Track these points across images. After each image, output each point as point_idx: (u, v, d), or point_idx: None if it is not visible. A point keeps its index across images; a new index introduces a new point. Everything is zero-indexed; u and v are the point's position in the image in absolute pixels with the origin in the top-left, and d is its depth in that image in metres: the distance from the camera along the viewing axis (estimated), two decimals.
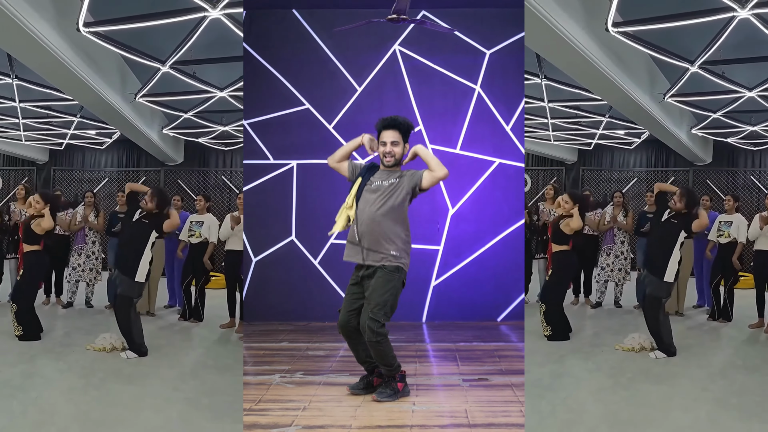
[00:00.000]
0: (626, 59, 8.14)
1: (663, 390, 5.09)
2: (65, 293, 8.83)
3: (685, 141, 12.40)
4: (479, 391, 4.47)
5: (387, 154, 4.27)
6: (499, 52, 7.32)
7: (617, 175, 16.03)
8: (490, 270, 7.29)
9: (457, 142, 7.34)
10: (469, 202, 7.35)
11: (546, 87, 9.69)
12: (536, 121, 12.40)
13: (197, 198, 8.18)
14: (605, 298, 8.92)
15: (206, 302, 7.95)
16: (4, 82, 9.24)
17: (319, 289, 7.31)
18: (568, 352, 6.25)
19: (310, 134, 7.37)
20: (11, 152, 15.27)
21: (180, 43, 7.08)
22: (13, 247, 8.79)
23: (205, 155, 15.22)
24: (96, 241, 8.72)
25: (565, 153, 16.20)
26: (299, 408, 4.05)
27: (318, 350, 5.82)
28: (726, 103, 10.06)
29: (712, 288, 8.10)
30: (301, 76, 7.38)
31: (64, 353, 6.08)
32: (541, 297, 6.91)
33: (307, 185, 7.37)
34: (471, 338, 6.35)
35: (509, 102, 7.30)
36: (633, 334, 6.42)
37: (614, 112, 11.34)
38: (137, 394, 4.87)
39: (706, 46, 7.10)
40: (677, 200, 6.11)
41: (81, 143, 15.00)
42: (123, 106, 9.39)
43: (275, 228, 7.38)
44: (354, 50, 7.33)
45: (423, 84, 7.34)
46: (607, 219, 8.61)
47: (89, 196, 8.65)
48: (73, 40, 6.98)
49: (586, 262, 8.79)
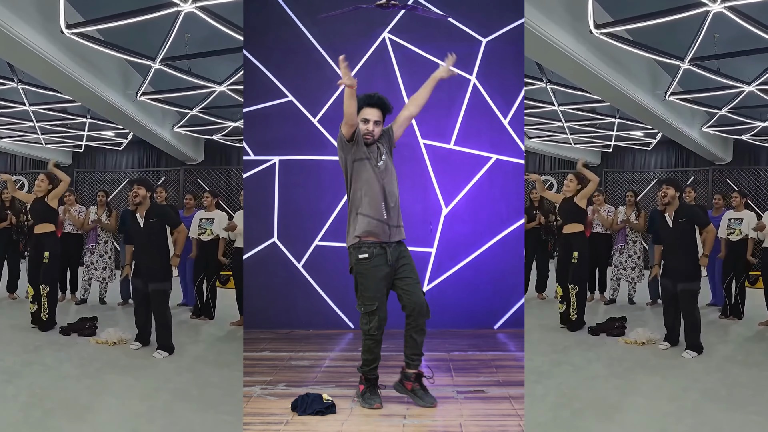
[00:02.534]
0: (623, 60, 8.63)
1: (655, 380, 5.40)
2: (79, 290, 9.49)
3: (699, 140, 12.91)
4: (475, 403, 4.35)
5: (369, 132, 4.23)
6: (496, 40, 7.03)
7: (638, 176, 16.86)
8: (487, 274, 6.99)
9: (451, 136, 7.05)
10: (464, 201, 7.05)
11: (552, 91, 10.21)
12: (553, 124, 13.06)
13: (204, 195, 8.42)
14: (618, 295, 9.48)
15: (220, 300, 8.32)
16: (9, 87, 9.97)
17: (303, 295, 7.02)
18: (573, 343, 6.72)
19: (294, 128, 7.07)
20: (34, 155, 16.39)
21: (164, 38, 7.36)
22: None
23: (226, 153, 15.75)
24: (108, 241, 9.27)
25: (588, 156, 17.01)
26: (281, 422, 3.97)
27: (302, 360, 5.65)
28: (729, 99, 10.53)
29: (724, 286, 8.37)
30: (284, 66, 7.07)
31: (68, 345, 6.52)
32: (572, 279, 7.22)
33: (290, 183, 7.06)
34: (466, 347, 6.14)
35: (507, 94, 7.02)
36: (638, 329, 6.83)
37: (623, 113, 11.89)
38: (129, 384, 5.18)
39: (691, 42, 7.56)
40: (670, 196, 6.34)
41: (100, 145, 15.85)
42: (126, 105, 9.96)
43: (255, 229, 7.08)
44: (341, 38, 7.04)
45: (414, 74, 7.02)
46: (620, 218, 9.05)
47: (101, 196, 9.16)
48: (64, 43, 7.38)
49: (600, 260, 9.37)
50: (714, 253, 8.49)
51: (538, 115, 12.52)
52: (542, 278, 9.79)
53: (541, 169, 17.70)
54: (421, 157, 6.97)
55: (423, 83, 6.96)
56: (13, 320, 7.88)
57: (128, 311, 8.10)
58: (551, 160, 17.60)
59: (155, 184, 8.26)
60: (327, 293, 7.01)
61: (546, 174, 17.36)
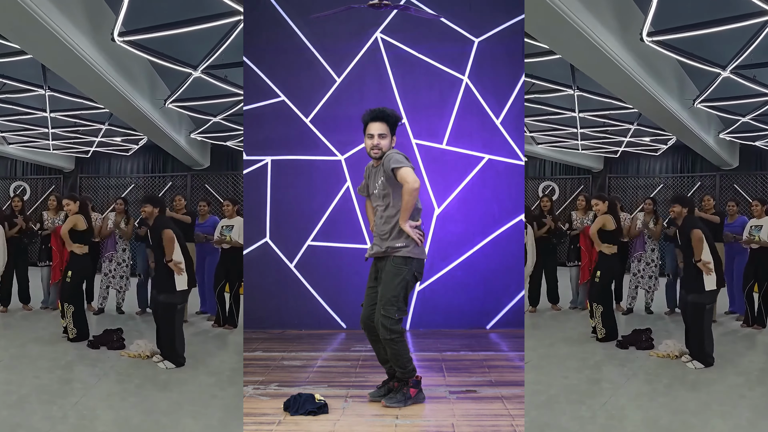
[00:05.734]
0: (657, 67, 8.44)
1: (700, 397, 5.24)
2: (96, 299, 9.23)
3: (713, 145, 12.80)
4: (467, 404, 4.40)
5: (375, 147, 4.29)
6: (488, 40, 7.16)
7: (644, 182, 16.63)
8: (480, 274, 7.13)
9: (443, 136, 7.17)
10: (457, 201, 7.18)
11: (578, 98, 10.06)
12: (565, 130, 12.85)
13: (224, 202, 8.24)
14: (636, 304, 9.21)
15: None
16: (37, 94, 9.80)
17: (295, 295, 7.13)
18: (604, 358, 6.52)
19: (286, 128, 7.18)
20: (38, 161, 16.05)
21: (213, 47, 7.22)
22: (45, 255, 9.39)
23: (233, 158, 15.56)
24: (126, 249, 9.02)
25: (592, 161, 16.82)
26: (273, 422, 4.00)
27: (294, 360, 5.72)
28: (756, 107, 10.39)
29: (745, 294, 8.16)
30: (276, 66, 7.18)
31: (100, 359, 6.33)
32: (596, 299, 7.20)
33: (282, 183, 7.18)
34: (458, 347, 6.23)
35: (499, 94, 7.15)
36: (667, 341, 6.64)
37: (643, 120, 11.79)
38: (176, 401, 5.05)
39: (739, 51, 7.23)
40: (677, 213, 6.38)
41: (107, 150, 15.54)
42: (152, 112, 9.80)
43: (248, 229, 7.19)
44: (333, 38, 7.15)
45: (407, 74, 7.17)
46: (638, 225, 8.83)
47: (120, 204, 9.00)
48: (106, 50, 7.36)
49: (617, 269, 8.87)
50: (731, 260, 8.55)
51: (554, 122, 12.29)
52: (553, 288, 9.42)
53: (541, 174, 17.36)
54: (413, 157, 7.07)
55: (415, 83, 7.15)
56: (34, 333, 7.62)
57: (148, 320, 7.98)
58: (552, 165, 17.31)
59: (163, 198, 8.02)
60: (319, 293, 7.13)
61: (546, 180, 17.12)
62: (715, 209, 8.94)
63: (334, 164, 7.14)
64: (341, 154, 7.14)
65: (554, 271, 9.42)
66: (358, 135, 6.96)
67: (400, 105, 7.08)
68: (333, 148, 7.15)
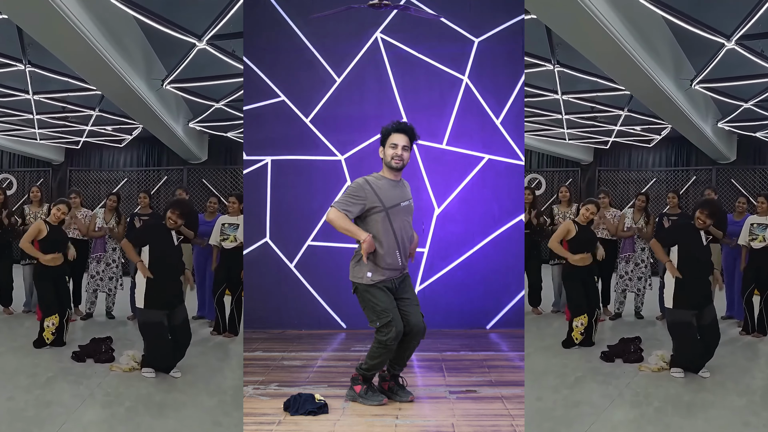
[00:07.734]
0: (652, 41, 7.50)
1: (696, 425, 4.58)
2: (83, 303, 8.44)
3: (710, 136, 12.03)
4: (467, 403, 4.44)
5: (397, 157, 4.37)
6: (488, 40, 7.22)
7: (635, 176, 15.88)
8: (480, 274, 7.19)
9: (443, 136, 7.23)
10: (457, 201, 7.24)
11: (559, 74, 9.06)
12: (549, 117, 12.12)
13: (230, 200, 7.68)
14: (624, 308, 8.50)
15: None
16: (15, 70, 8.56)
17: (294, 295, 7.19)
18: (586, 373, 5.81)
19: (286, 128, 7.24)
20: (26, 152, 15.30)
21: (220, 12, 6.65)
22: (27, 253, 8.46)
23: (232, 152, 14.80)
24: (116, 248, 8.29)
25: (581, 153, 16.15)
26: (273, 422, 4.02)
27: (294, 360, 5.76)
28: (761, 90, 9.37)
29: (744, 298, 7.55)
30: (276, 66, 7.23)
31: (85, 375, 5.61)
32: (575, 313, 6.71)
33: (282, 183, 7.24)
34: (458, 347, 6.28)
35: (499, 94, 7.21)
36: (657, 352, 6.01)
37: (633, 105, 10.91)
38: (172, 430, 4.43)
39: (744, 18, 6.35)
40: (704, 219, 5.79)
41: (98, 141, 14.73)
42: (148, 94, 8.84)
43: (248, 229, 7.24)
44: (333, 38, 7.20)
45: (407, 74, 7.23)
46: (627, 224, 8.28)
47: (112, 200, 8.34)
48: (97, 14, 6.52)
49: (603, 270, 8.15)
50: (730, 262, 8.17)
51: (534, 105, 11.30)
52: (535, 289, 8.63)
53: (528, 167, 16.39)
54: (413, 157, 7.11)
55: (415, 83, 7.20)
56: (13, 341, 6.77)
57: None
58: (539, 156, 16.53)
59: (191, 203, 7.17)
60: (319, 293, 7.19)
61: (532, 173, 16.45)
62: (717, 208, 8.58)
63: (334, 164, 7.21)
64: (341, 154, 7.20)
65: (538, 271, 8.58)
66: (358, 135, 7.14)
67: (400, 105, 7.15)
68: (333, 148, 7.21)
